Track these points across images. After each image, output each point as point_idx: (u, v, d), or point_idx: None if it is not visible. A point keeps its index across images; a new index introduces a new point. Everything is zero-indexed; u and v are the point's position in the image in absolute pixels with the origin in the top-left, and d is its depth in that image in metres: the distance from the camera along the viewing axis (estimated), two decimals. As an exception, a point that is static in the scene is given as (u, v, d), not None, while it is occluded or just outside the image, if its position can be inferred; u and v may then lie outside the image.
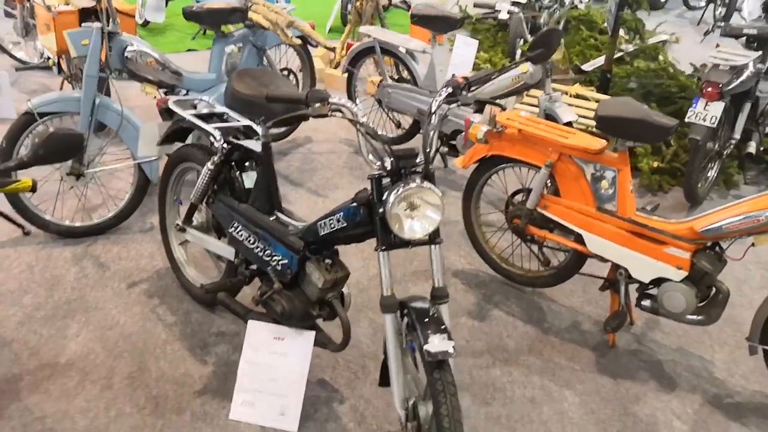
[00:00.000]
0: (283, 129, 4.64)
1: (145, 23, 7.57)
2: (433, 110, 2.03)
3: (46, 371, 2.66)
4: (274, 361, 2.47)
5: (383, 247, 2.01)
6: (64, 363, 2.71)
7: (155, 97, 3.61)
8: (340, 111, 1.95)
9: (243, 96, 2.43)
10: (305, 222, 2.45)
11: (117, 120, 3.34)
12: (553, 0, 7.36)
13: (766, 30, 3.97)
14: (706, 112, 3.72)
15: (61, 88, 4.77)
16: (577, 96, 4.94)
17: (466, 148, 3.14)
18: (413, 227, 1.93)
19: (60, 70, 4.27)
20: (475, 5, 4.29)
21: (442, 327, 1.93)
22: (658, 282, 2.75)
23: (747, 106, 3.97)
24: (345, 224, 2.16)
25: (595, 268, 3.09)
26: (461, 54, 6.00)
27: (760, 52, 3.90)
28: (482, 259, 3.41)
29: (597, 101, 4.90)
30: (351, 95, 4.70)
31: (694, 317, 2.74)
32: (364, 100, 4.64)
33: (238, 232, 2.57)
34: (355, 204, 2.09)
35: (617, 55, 5.67)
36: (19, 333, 2.86)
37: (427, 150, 1.99)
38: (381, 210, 1.94)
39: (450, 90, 2.09)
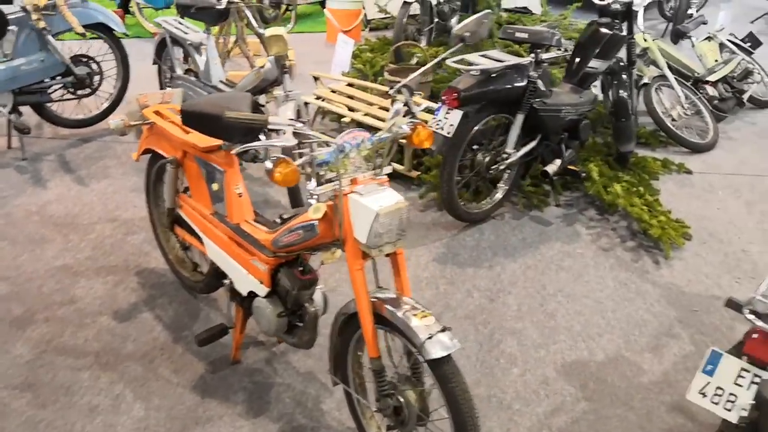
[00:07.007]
0: (81, 116, 4.62)
1: None
2: None
3: None
4: None
5: None
6: None
7: None
8: None
9: None
10: None
11: None
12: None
13: (537, 34, 3.54)
14: (446, 121, 3.38)
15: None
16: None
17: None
18: None
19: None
20: None
21: None
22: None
23: (519, 118, 3.55)
24: None
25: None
26: (340, 52, 5.84)
27: (531, 58, 3.49)
28: (164, 259, 3.24)
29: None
30: (162, 86, 4.62)
31: (291, 338, 2.50)
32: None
33: None
34: None
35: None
36: None
37: None
38: None
39: None
